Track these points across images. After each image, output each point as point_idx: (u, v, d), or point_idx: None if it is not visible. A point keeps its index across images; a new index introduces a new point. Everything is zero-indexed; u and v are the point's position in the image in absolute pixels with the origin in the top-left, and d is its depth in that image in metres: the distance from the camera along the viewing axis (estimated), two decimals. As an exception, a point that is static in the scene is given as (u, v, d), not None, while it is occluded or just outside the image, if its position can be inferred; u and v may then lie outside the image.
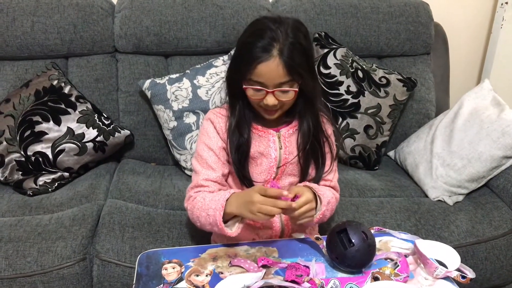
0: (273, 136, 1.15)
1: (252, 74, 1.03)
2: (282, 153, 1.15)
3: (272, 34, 1.01)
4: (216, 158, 1.14)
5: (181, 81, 1.65)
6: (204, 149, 1.14)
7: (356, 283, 0.94)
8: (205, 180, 1.12)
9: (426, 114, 1.85)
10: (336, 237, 0.96)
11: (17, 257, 1.22)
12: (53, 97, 1.61)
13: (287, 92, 1.05)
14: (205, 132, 1.17)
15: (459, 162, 1.51)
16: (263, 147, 1.15)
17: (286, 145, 1.15)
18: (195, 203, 1.09)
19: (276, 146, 1.15)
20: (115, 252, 1.26)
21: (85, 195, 1.50)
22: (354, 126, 1.69)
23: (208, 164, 1.13)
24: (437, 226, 1.40)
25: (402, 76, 1.77)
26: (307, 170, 1.17)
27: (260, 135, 1.15)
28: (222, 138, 1.15)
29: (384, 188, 1.59)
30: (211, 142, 1.14)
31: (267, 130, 1.15)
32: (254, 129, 1.15)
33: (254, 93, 1.06)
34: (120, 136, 1.68)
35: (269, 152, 1.15)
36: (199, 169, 1.14)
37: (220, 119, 1.16)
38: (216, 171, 1.13)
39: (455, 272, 0.95)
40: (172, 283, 0.93)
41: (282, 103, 1.07)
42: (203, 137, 1.16)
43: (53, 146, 1.57)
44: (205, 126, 1.18)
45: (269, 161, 1.15)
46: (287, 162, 1.15)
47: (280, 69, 1.01)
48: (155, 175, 1.66)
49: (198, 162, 1.15)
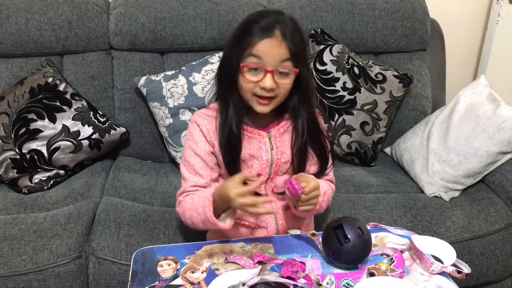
0: (264, 138, 1.12)
1: (251, 50, 1.00)
2: (274, 154, 1.12)
3: (275, 17, 1.02)
4: (203, 164, 1.11)
5: (176, 78, 1.64)
6: (191, 155, 1.12)
7: (352, 279, 0.93)
8: (193, 186, 1.11)
9: (422, 111, 1.85)
10: (331, 233, 0.96)
11: (12, 255, 1.22)
12: (48, 94, 1.60)
13: (286, 75, 1.03)
14: (191, 137, 1.14)
15: (455, 158, 1.51)
16: (253, 149, 1.12)
17: (277, 145, 1.13)
18: (185, 205, 1.08)
19: (267, 148, 1.12)
20: (111, 249, 1.25)
21: (81, 193, 1.49)
22: (350, 123, 1.69)
23: (196, 171, 1.11)
24: (433, 222, 1.40)
25: (398, 72, 1.77)
26: (303, 168, 1.14)
27: (250, 136, 1.12)
28: (209, 141, 1.12)
29: (380, 184, 1.59)
30: (198, 148, 1.12)
31: (257, 131, 1.12)
32: (244, 130, 1.11)
33: (251, 75, 1.02)
34: (116, 133, 1.67)
35: (260, 154, 1.12)
36: (187, 176, 1.12)
37: (207, 120, 1.13)
38: (204, 177, 1.11)
39: (450, 267, 0.95)
40: (168, 280, 0.93)
41: (279, 89, 1.04)
42: (189, 142, 1.14)
43: (48, 144, 1.56)
44: (191, 130, 1.15)
45: (261, 163, 1.12)
46: (281, 163, 1.13)
47: (283, 47, 1.00)
48: (151, 173, 1.65)
49: (186, 168, 1.13)
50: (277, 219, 1.15)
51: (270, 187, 1.15)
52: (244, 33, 1.03)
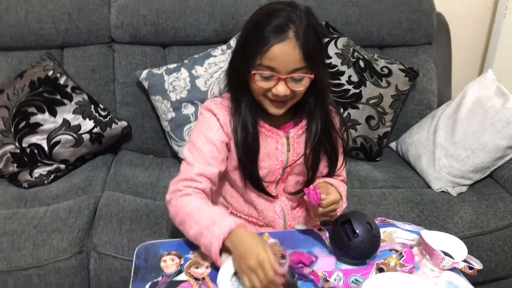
0: (282, 138, 1.05)
1: (263, 58, 0.92)
2: (290, 155, 1.06)
3: (288, 14, 0.92)
4: (217, 153, 1.01)
5: (179, 71, 1.62)
6: (203, 142, 1.01)
7: (360, 275, 0.91)
8: (199, 175, 0.99)
9: (428, 105, 1.83)
10: (339, 228, 0.93)
11: (12, 250, 1.19)
12: (48, 88, 1.58)
13: (300, 81, 0.95)
14: (206, 123, 1.03)
15: (462, 152, 1.48)
16: (270, 149, 1.05)
17: (294, 147, 1.06)
18: (184, 205, 0.95)
19: (284, 149, 1.05)
20: (113, 245, 1.23)
21: (82, 187, 1.47)
22: (356, 117, 1.66)
23: (206, 159, 1.00)
24: (440, 217, 1.37)
25: (404, 66, 1.74)
26: (316, 169, 1.09)
27: (267, 135, 1.05)
28: (226, 132, 1.02)
29: (386, 179, 1.56)
30: (214, 136, 1.01)
31: (275, 130, 1.05)
32: (261, 127, 1.04)
33: (263, 81, 0.94)
34: (117, 127, 1.64)
35: (276, 155, 1.05)
36: (194, 162, 1.00)
37: (224, 111, 1.03)
38: (213, 168, 1.00)
39: (462, 263, 0.92)
40: (171, 276, 0.90)
41: (293, 94, 0.97)
42: (203, 128, 1.03)
43: (48, 138, 1.54)
44: (206, 116, 1.04)
45: (275, 164, 1.05)
46: (295, 164, 1.07)
47: (296, 52, 0.91)
48: (153, 167, 1.63)
49: (193, 154, 1.01)
50: (286, 219, 1.12)
51: (281, 188, 1.11)
52: (254, 37, 0.93)
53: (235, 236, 0.87)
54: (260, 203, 1.10)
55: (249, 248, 0.84)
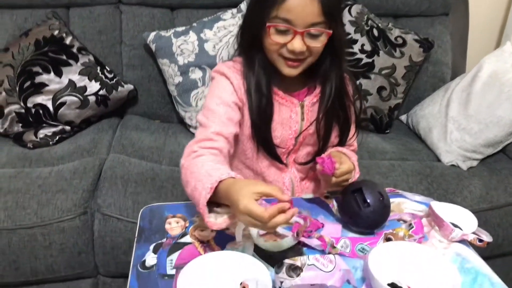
0: (296, 107, 1.01)
1: (279, 10, 0.87)
2: (304, 125, 1.02)
3: None
4: (233, 113, 0.97)
5: (187, 35, 1.58)
6: (217, 103, 0.96)
7: (367, 244, 0.89)
8: (216, 133, 0.93)
9: (441, 78, 1.78)
10: (350, 196, 0.91)
11: (16, 209, 1.19)
12: (54, 47, 1.55)
13: (317, 37, 0.90)
14: (220, 86, 0.99)
15: (475, 126, 1.45)
16: (284, 118, 1.01)
17: (308, 116, 1.02)
18: (193, 165, 0.88)
19: (298, 118, 1.02)
20: (117, 206, 1.22)
21: (87, 149, 1.45)
22: (367, 87, 1.63)
23: (221, 119, 0.95)
24: (449, 191, 1.35)
25: (419, 36, 1.69)
26: (327, 139, 1.05)
27: (281, 103, 1.01)
28: (239, 97, 0.98)
29: (395, 151, 1.54)
30: (228, 97, 0.97)
31: (289, 98, 1.01)
32: (275, 94, 1.00)
33: (278, 35, 0.90)
34: (123, 90, 1.62)
35: (289, 124, 1.02)
36: (208, 123, 0.95)
37: (237, 74, 0.99)
38: (229, 127, 0.96)
39: (472, 235, 0.91)
40: (176, 238, 0.89)
41: (309, 52, 0.92)
42: (217, 90, 0.99)
43: (54, 99, 1.51)
44: (219, 80, 1.00)
45: (288, 133, 1.02)
46: (308, 134, 1.04)
47: (315, 5, 0.86)
48: (159, 132, 1.61)
49: (208, 117, 0.96)
50: (294, 191, 1.10)
51: (292, 158, 1.08)
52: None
53: (222, 187, 0.79)
54: (270, 174, 1.08)
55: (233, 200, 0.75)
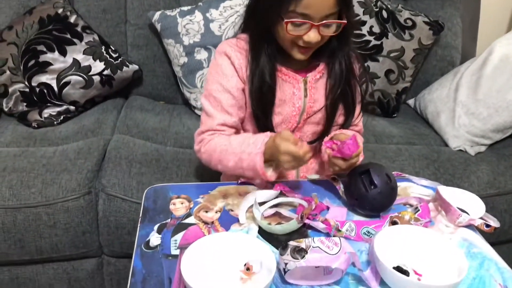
0: (299, 83, 1.01)
1: (297, 5, 0.87)
2: (307, 101, 1.02)
3: None
4: (234, 101, 0.99)
5: (193, 14, 1.55)
6: (218, 90, 0.99)
7: (373, 227, 0.89)
8: (221, 125, 1.00)
9: (450, 62, 1.75)
10: (357, 178, 0.90)
11: (21, 187, 1.19)
12: (58, 26, 1.53)
13: (330, 26, 0.91)
14: (219, 70, 1.00)
15: (484, 111, 1.42)
16: (286, 94, 1.01)
17: (311, 92, 1.02)
18: (214, 146, 0.98)
19: (301, 94, 1.02)
20: (122, 187, 1.22)
21: (91, 129, 1.45)
22: (375, 70, 1.60)
23: (223, 108, 0.99)
24: (456, 176, 1.34)
25: (429, 18, 1.65)
26: (333, 117, 1.05)
27: (284, 79, 1.01)
28: (241, 77, 0.99)
29: (402, 135, 1.52)
30: (228, 83, 0.99)
31: (293, 74, 1.01)
32: (278, 71, 1.00)
33: (295, 28, 0.90)
34: (128, 70, 1.60)
35: (293, 101, 1.01)
36: (212, 112, 1.00)
37: (239, 53, 0.99)
38: (233, 116, 1.00)
39: (479, 220, 0.90)
40: (180, 218, 0.89)
41: (323, 39, 0.93)
42: (217, 75, 1.00)
43: (58, 78, 1.50)
44: (219, 62, 1.01)
45: (291, 110, 1.02)
46: (312, 111, 1.04)
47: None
48: (164, 113, 1.60)
49: (211, 103, 1.00)
50: (299, 170, 1.09)
51: (297, 136, 1.07)
52: None
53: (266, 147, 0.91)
54: None
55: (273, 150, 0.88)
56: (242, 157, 0.93)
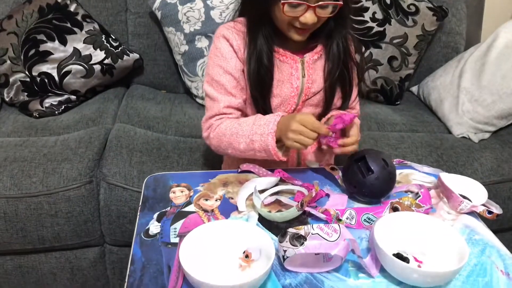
0: (296, 63, 1.01)
1: None
2: (305, 82, 1.02)
3: None
4: (235, 82, 1.00)
5: (193, 2, 1.54)
6: (219, 73, 0.99)
7: (373, 214, 0.88)
8: (227, 107, 1.00)
9: (454, 48, 1.73)
10: (354, 165, 0.89)
11: (22, 177, 1.19)
12: (58, 15, 1.52)
13: (327, 8, 0.91)
14: (219, 52, 1.00)
15: (488, 97, 1.40)
16: (284, 75, 1.01)
17: (309, 72, 1.02)
18: (224, 130, 0.97)
19: (299, 74, 1.01)
20: (123, 176, 1.22)
21: (92, 119, 1.44)
22: (378, 57, 1.58)
23: (227, 90, 1.00)
24: (459, 163, 1.33)
25: (432, 4, 1.63)
26: (332, 100, 1.05)
27: (281, 60, 1.01)
28: (240, 58, 1.00)
29: (405, 122, 1.51)
30: (228, 65, 0.99)
31: (290, 55, 1.01)
32: (275, 52, 1.00)
33: (291, 10, 0.90)
34: (129, 59, 1.59)
35: (291, 81, 1.01)
36: (216, 96, 1.00)
37: (237, 35, 0.99)
38: (237, 97, 1.00)
39: (481, 207, 0.89)
40: (180, 206, 0.89)
41: (319, 21, 0.93)
42: (216, 58, 1.00)
43: (59, 67, 1.50)
44: (218, 45, 1.00)
45: (290, 91, 1.02)
46: (310, 92, 1.03)
47: None
48: (165, 102, 1.59)
49: (214, 88, 1.00)
50: (300, 154, 1.09)
51: None
52: None
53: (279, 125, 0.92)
54: None
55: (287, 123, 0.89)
56: (254, 139, 0.93)
